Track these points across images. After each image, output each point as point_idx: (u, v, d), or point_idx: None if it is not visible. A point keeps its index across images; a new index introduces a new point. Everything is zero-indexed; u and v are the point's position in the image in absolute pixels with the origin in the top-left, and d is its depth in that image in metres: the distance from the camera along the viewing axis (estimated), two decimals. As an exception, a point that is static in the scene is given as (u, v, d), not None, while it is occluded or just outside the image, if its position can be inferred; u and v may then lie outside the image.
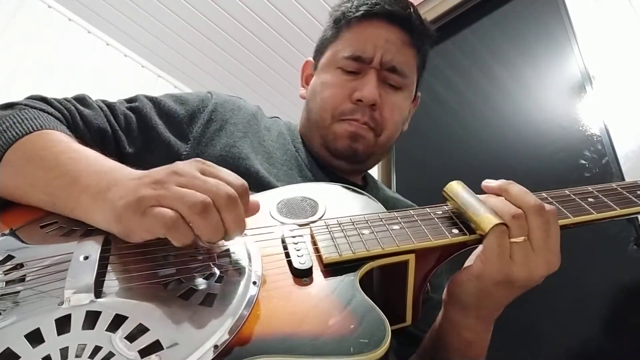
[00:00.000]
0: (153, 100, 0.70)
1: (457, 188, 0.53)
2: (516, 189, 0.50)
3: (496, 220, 0.46)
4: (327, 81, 0.75)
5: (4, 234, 0.44)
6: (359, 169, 0.81)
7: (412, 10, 0.76)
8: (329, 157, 0.76)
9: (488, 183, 0.53)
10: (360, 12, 0.74)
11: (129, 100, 0.70)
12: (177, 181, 0.40)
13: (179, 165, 0.42)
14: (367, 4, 0.74)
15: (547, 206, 0.49)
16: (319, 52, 0.82)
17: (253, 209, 0.45)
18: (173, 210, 0.38)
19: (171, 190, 0.39)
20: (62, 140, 0.50)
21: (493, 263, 0.47)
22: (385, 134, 0.75)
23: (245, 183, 0.42)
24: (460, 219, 0.52)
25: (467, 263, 0.54)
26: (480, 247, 0.53)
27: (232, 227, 0.40)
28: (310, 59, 0.85)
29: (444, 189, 0.54)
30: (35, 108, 0.56)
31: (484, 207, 0.48)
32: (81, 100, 0.64)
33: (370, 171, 0.89)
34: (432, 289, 0.74)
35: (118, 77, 2.24)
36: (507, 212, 0.47)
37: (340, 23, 0.77)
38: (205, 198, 0.38)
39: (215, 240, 0.41)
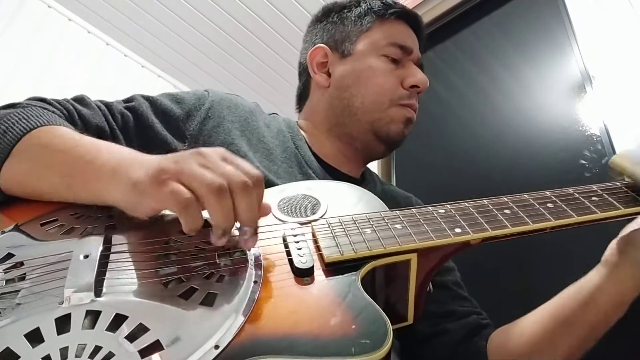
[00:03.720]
0: (149, 100, 0.70)
1: (623, 160, 0.55)
2: None
3: None
4: (376, 66, 0.77)
5: (4, 232, 0.44)
6: (386, 155, 0.86)
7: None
8: (372, 141, 0.78)
9: None
10: (395, 11, 0.81)
11: (126, 100, 0.70)
12: (199, 161, 0.41)
13: (203, 149, 0.44)
14: (395, 5, 0.82)
15: None
16: (340, 41, 0.82)
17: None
18: (190, 192, 0.39)
19: (192, 168, 0.40)
20: (73, 131, 0.52)
21: None
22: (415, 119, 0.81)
23: (262, 175, 0.43)
24: (464, 218, 0.51)
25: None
26: None
27: (244, 214, 0.41)
28: (322, 45, 0.83)
29: (610, 162, 0.56)
30: (38, 107, 0.56)
31: None
32: (80, 100, 0.65)
33: (371, 169, 0.89)
34: (441, 273, 0.74)
35: (118, 77, 2.23)
36: None
37: (370, 17, 0.81)
38: (222, 180, 0.40)
39: (224, 225, 0.40)
